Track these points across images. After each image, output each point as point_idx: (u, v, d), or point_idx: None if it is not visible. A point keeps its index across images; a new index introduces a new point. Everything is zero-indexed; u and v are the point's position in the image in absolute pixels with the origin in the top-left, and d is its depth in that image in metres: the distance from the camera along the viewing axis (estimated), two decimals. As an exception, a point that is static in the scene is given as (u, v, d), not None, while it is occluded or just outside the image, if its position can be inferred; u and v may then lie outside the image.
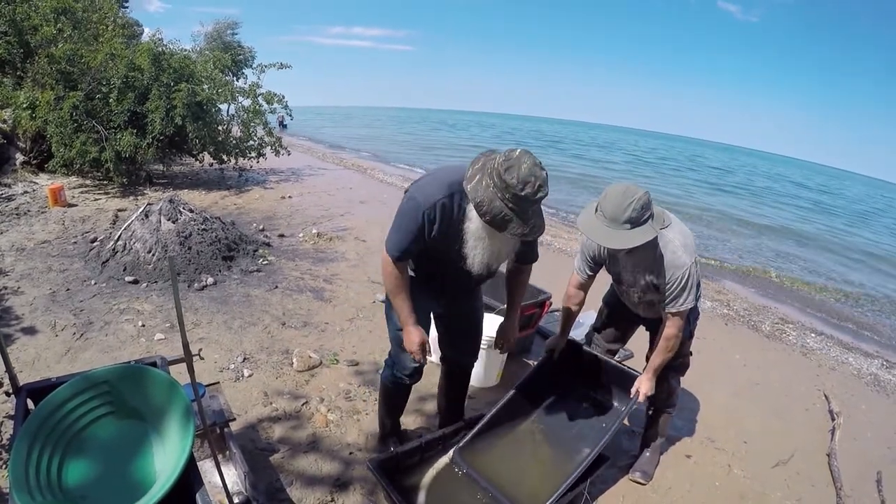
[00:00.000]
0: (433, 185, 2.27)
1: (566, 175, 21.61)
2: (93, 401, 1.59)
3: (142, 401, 1.59)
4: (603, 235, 2.52)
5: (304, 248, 7.04)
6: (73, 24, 10.03)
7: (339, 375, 3.99)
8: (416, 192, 2.28)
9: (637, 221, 2.45)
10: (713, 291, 7.63)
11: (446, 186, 2.24)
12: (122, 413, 1.60)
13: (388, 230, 2.39)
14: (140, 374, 1.61)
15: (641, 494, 3.16)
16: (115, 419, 1.60)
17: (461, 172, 2.21)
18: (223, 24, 24.62)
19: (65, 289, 4.99)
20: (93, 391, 1.59)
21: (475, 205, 2.08)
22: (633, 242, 2.47)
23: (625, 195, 2.45)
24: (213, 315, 4.72)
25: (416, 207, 2.24)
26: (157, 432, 1.56)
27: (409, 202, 2.28)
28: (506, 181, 1.99)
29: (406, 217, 2.29)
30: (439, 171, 2.37)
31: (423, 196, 2.24)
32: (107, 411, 1.60)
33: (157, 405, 1.57)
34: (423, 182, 2.34)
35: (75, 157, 9.14)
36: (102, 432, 1.58)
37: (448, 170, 2.33)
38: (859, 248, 14.94)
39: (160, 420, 1.56)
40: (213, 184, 11.25)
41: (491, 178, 2.04)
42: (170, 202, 6.02)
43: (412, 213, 2.26)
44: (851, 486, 3.50)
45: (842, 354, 5.97)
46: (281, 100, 11.97)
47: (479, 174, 2.10)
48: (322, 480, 2.93)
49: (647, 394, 2.86)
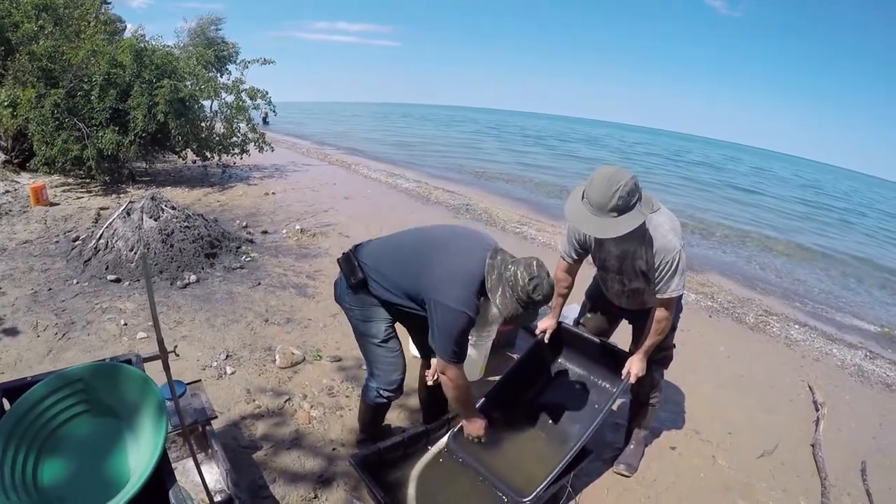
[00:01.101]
0: (465, 294, 2.43)
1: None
2: (68, 399, 1.60)
3: (116, 398, 1.61)
4: (590, 224, 2.49)
5: (288, 245, 7.06)
6: (54, 20, 9.92)
7: (321, 371, 4.02)
8: (459, 305, 2.41)
9: (624, 208, 2.41)
10: (697, 284, 7.69)
11: (474, 294, 2.45)
12: (96, 411, 1.62)
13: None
14: (114, 372, 1.62)
15: (626, 487, 3.20)
16: (90, 417, 1.62)
17: (478, 271, 2.47)
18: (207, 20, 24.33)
19: (47, 288, 4.98)
20: (68, 389, 1.60)
21: (506, 318, 2.45)
22: (621, 230, 2.43)
23: (610, 181, 2.40)
24: (195, 313, 4.73)
25: (466, 321, 2.43)
26: (131, 429, 1.58)
27: (457, 317, 2.42)
28: (533, 299, 2.37)
29: (457, 329, 2.43)
30: (461, 275, 2.48)
31: (467, 307, 2.41)
32: (82, 409, 1.61)
33: (131, 402, 1.59)
34: (458, 293, 2.44)
35: (57, 156, 9.07)
36: (78, 430, 1.60)
37: (466, 272, 2.48)
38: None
39: (134, 417, 1.58)
40: (197, 181, 11.21)
41: (514, 293, 2.37)
42: (152, 199, 6.01)
43: (463, 326, 2.44)
44: (836, 476, 3.56)
45: (826, 345, 6.05)
46: (264, 95, 11.95)
47: (500, 287, 2.41)
48: (305, 477, 2.95)
49: (637, 374, 2.88)
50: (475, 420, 2.83)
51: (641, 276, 2.78)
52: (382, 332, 2.74)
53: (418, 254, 2.61)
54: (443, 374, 2.57)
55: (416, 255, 2.61)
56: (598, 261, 3.03)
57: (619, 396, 2.94)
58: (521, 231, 9.35)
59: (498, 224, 9.73)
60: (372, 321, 2.73)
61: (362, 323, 2.76)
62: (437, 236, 2.72)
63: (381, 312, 2.72)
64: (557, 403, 3.29)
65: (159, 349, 1.63)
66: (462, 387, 2.62)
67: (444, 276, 2.47)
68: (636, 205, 2.44)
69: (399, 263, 2.63)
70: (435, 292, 2.44)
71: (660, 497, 3.16)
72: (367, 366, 2.87)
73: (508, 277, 2.39)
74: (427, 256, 2.57)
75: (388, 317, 2.73)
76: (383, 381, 2.79)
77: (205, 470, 2.69)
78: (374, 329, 2.74)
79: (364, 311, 2.73)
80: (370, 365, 2.84)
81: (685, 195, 19.18)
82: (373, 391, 2.84)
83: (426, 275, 2.50)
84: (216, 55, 16.40)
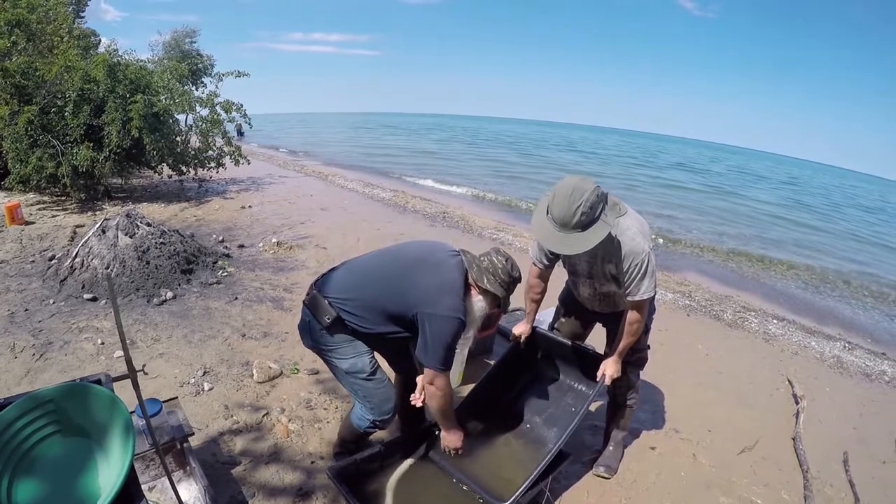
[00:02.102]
0: (455, 301, 2.54)
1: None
2: (39, 420, 1.60)
3: (86, 418, 1.62)
4: (555, 241, 2.51)
5: (265, 258, 7.05)
6: (27, 36, 9.82)
7: (299, 385, 4.02)
8: (453, 312, 2.50)
9: (588, 223, 2.41)
10: (674, 283, 7.76)
11: (461, 299, 2.57)
12: (67, 431, 1.62)
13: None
14: (83, 392, 1.63)
15: (606, 489, 3.22)
16: (62, 437, 1.62)
17: (458, 280, 2.61)
18: (181, 33, 24.30)
19: (23, 309, 4.93)
20: (39, 410, 1.60)
21: (502, 300, 2.68)
22: (586, 246, 2.44)
23: (571, 197, 2.38)
24: (172, 329, 4.71)
25: (460, 325, 2.52)
26: (101, 449, 1.59)
27: (452, 323, 2.49)
28: (513, 277, 2.66)
29: (451, 335, 2.50)
30: (447, 286, 2.58)
31: (461, 314, 2.52)
32: (53, 430, 1.62)
33: (100, 422, 1.60)
34: (448, 302, 2.53)
35: (32, 174, 9.00)
36: (50, 451, 1.60)
37: (449, 281, 2.60)
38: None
39: (104, 436, 1.58)
40: (173, 196, 11.16)
41: (497, 277, 2.61)
42: (127, 216, 5.98)
43: (457, 331, 2.52)
44: (818, 468, 3.61)
45: (804, 339, 6.13)
46: (239, 108, 11.94)
47: (483, 275, 2.61)
48: (284, 491, 2.95)
49: (613, 376, 2.90)
50: (455, 431, 2.83)
51: (612, 280, 2.80)
52: (368, 366, 2.70)
53: (398, 274, 2.63)
54: (431, 385, 2.58)
55: (395, 275, 2.64)
56: (568, 266, 3.06)
57: (595, 398, 2.94)
58: (497, 237, 9.42)
59: (475, 231, 9.78)
60: (355, 356, 2.69)
61: (345, 361, 2.70)
62: (407, 253, 2.77)
63: (359, 346, 2.68)
64: (535, 407, 3.33)
65: (128, 368, 1.64)
66: (449, 395, 2.65)
67: (433, 288, 2.54)
68: (601, 216, 2.45)
69: (379, 289, 2.63)
70: (427, 306, 2.50)
71: (640, 497, 3.18)
72: (359, 400, 2.80)
73: (486, 267, 2.63)
74: (408, 274, 2.61)
75: (366, 349, 2.71)
76: (378, 412, 2.76)
77: (183, 487, 2.70)
78: (359, 365, 2.69)
79: (345, 349, 2.68)
80: (363, 400, 2.77)
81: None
82: (366, 422, 2.80)
83: (413, 291, 2.55)
84: (190, 68, 16.34)
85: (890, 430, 4.25)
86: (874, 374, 5.38)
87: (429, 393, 2.64)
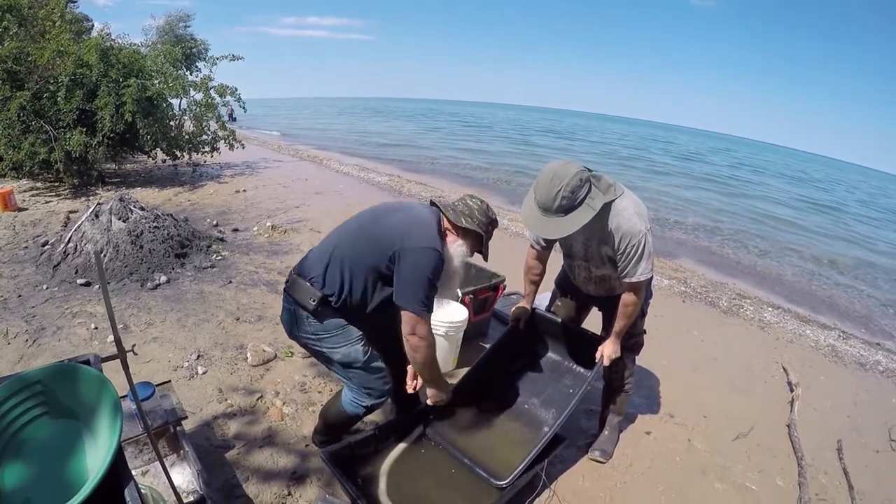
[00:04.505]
0: (431, 233, 2.49)
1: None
2: (27, 402, 1.57)
3: (74, 399, 1.59)
4: (539, 226, 2.53)
5: (259, 242, 7.04)
6: (18, 21, 9.72)
7: (293, 368, 4.00)
8: (428, 244, 2.43)
9: (569, 207, 2.42)
10: (670, 269, 7.77)
11: (438, 233, 2.52)
12: (56, 413, 1.60)
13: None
14: (71, 372, 1.60)
15: (602, 473, 3.22)
16: (50, 419, 1.59)
17: (432, 219, 2.57)
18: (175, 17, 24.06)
19: (16, 295, 4.91)
20: (27, 392, 1.57)
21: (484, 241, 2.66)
22: (568, 230, 2.46)
23: (552, 182, 2.41)
24: (166, 314, 4.69)
25: (436, 257, 2.43)
26: (89, 430, 1.57)
27: (430, 255, 2.41)
28: (489, 217, 2.63)
29: (429, 268, 2.41)
30: (420, 221, 2.54)
31: (437, 245, 2.46)
32: (41, 411, 1.59)
33: (88, 403, 1.57)
34: (422, 234, 2.47)
35: (24, 159, 8.94)
36: (38, 433, 1.58)
37: (423, 216, 2.58)
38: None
39: (92, 417, 1.56)
40: (167, 180, 11.11)
41: (474, 219, 2.58)
42: (120, 201, 5.95)
43: (434, 263, 2.42)
44: (812, 456, 3.61)
45: (799, 327, 6.14)
46: (233, 92, 11.83)
47: (460, 216, 2.58)
48: (279, 474, 2.94)
49: (611, 356, 2.90)
50: (441, 384, 2.78)
51: (608, 262, 2.79)
52: (362, 354, 2.60)
53: (368, 224, 2.61)
54: (413, 336, 2.45)
55: (366, 226, 2.61)
56: (564, 248, 3.05)
57: (593, 380, 2.94)
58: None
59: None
60: (347, 345, 2.59)
61: (337, 352, 2.60)
62: (376, 208, 2.73)
63: (350, 333, 2.58)
64: (532, 388, 3.34)
65: (117, 348, 1.61)
66: (433, 345, 2.55)
67: (405, 223, 2.51)
68: (584, 200, 2.45)
69: (352, 244, 2.55)
70: (400, 242, 2.43)
71: (636, 482, 3.18)
72: (353, 387, 2.71)
73: (462, 210, 2.60)
74: (379, 221, 2.59)
75: (358, 335, 2.60)
76: (375, 396, 2.70)
77: (177, 471, 2.70)
78: (353, 354, 2.60)
79: (335, 338, 2.58)
80: (358, 387, 2.69)
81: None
82: (361, 408, 2.73)
83: (386, 233, 2.50)
84: (184, 52, 16.24)
85: (884, 420, 4.25)
86: (868, 363, 5.38)
87: (411, 345, 2.49)
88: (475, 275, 4.59)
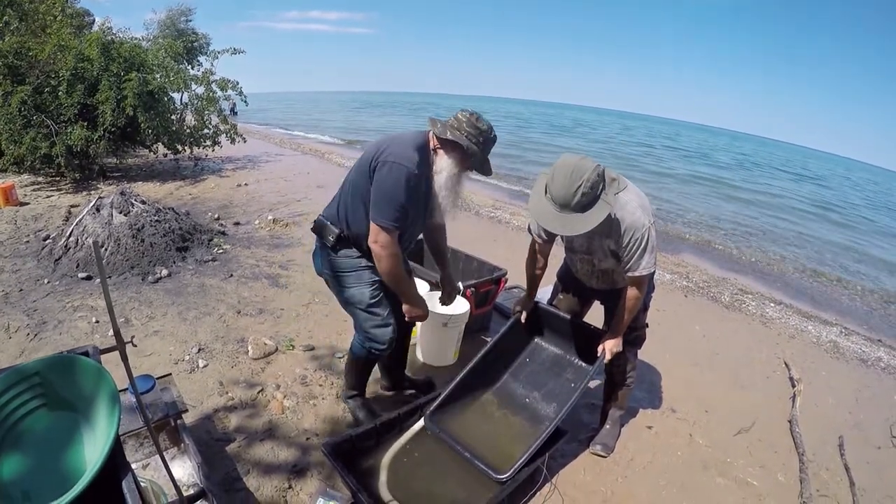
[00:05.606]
0: (407, 150, 2.48)
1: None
2: (25, 393, 1.57)
3: (73, 391, 1.58)
4: (555, 222, 2.43)
5: (260, 235, 7.03)
6: (19, 16, 9.70)
7: (295, 361, 4.00)
8: (396, 158, 2.44)
9: (588, 204, 2.35)
10: (672, 264, 7.75)
11: (416, 150, 2.51)
12: (54, 404, 1.59)
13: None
14: (70, 364, 1.60)
15: (603, 467, 3.20)
16: (48, 411, 1.59)
17: (418, 137, 2.59)
18: (177, 11, 24.09)
19: (18, 289, 4.90)
20: (25, 384, 1.57)
21: (467, 150, 2.53)
22: (586, 227, 2.37)
23: (572, 177, 2.31)
24: (167, 307, 4.69)
25: (406, 173, 2.43)
26: (87, 421, 1.56)
27: (395, 170, 2.43)
28: (479, 128, 2.53)
29: (397, 185, 2.43)
30: (400, 138, 2.59)
31: (408, 161, 2.44)
32: (39, 403, 1.59)
33: (86, 394, 1.57)
34: (395, 150, 2.48)
35: (26, 154, 8.93)
36: (36, 424, 1.57)
37: (405, 136, 2.60)
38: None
39: (90, 409, 1.56)
40: (168, 174, 11.06)
41: (462, 131, 2.51)
42: (121, 195, 5.95)
43: (403, 180, 2.43)
44: (814, 452, 3.59)
45: (801, 323, 6.13)
46: (235, 86, 11.82)
47: (447, 129, 2.52)
48: (279, 467, 2.93)
49: (613, 350, 2.88)
50: (413, 297, 2.81)
51: (611, 256, 2.77)
52: (368, 297, 2.74)
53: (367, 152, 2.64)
54: (375, 244, 2.52)
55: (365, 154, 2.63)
56: (566, 241, 3.02)
57: (595, 374, 2.93)
58: (495, 215, 9.35)
59: (472, 209, 9.69)
60: (358, 286, 2.74)
61: (347, 290, 2.77)
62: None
63: (364, 275, 2.73)
64: (534, 382, 3.33)
65: (116, 339, 1.60)
66: (396, 257, 2.58)
67: (385, 142, 2.57)
68: (601, 195, 2.38)
69: (353, 173, 2.67)
70: (375, 159, 2.49)
71: (637, 476, 3.17)
72: (357, 328, 2.89)
73: (451, 123, 2.56)
74: (369, 146, 2.64)
75: (371, 279, 2.73)
76: (373, 342, 2.83)
77: (177, 464, 2.69)
78: (358, 296, 2.76)
79: (349, 277, 2.74)
80: (359, 330, 2.86)
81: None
82: (364, 350, 2.90)
83: (367, 154, 2.58)
84: (186, 46, 16.22)
85: (885, 416, 4.25)
86: (870, 360, 5.37)
87: (374, 253, 2.56)
88: (477, 268, 4.57)
